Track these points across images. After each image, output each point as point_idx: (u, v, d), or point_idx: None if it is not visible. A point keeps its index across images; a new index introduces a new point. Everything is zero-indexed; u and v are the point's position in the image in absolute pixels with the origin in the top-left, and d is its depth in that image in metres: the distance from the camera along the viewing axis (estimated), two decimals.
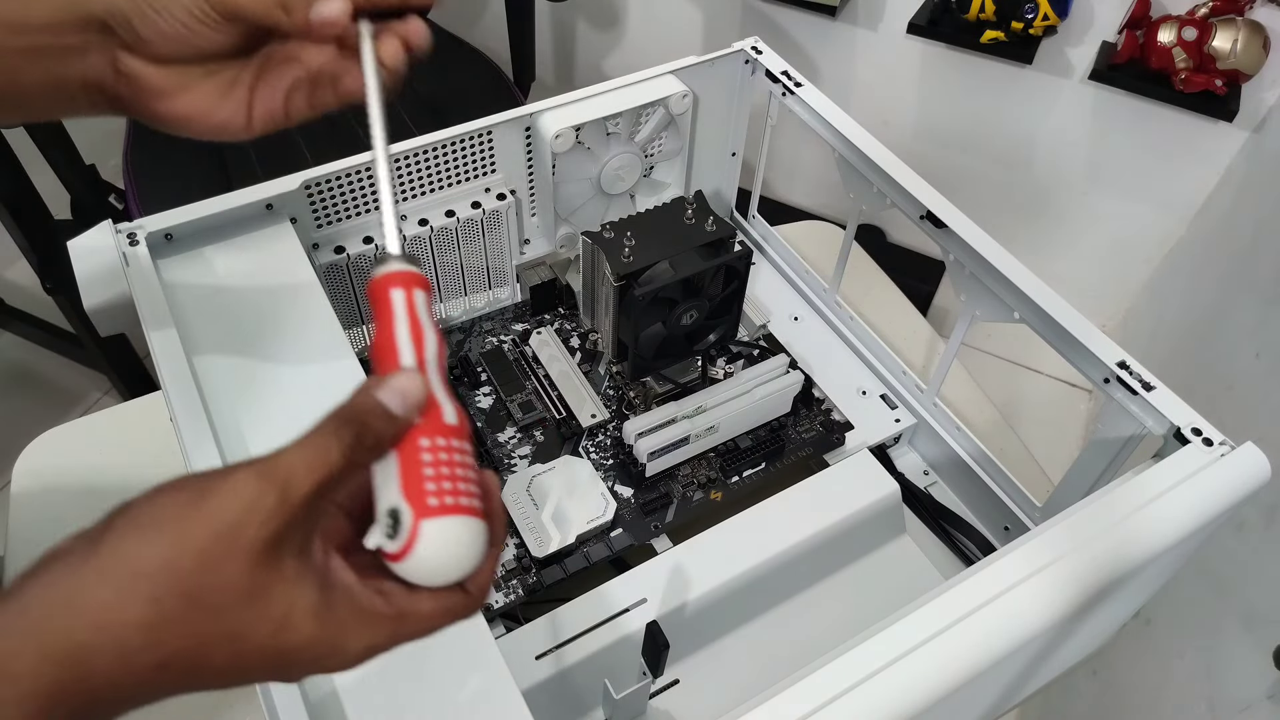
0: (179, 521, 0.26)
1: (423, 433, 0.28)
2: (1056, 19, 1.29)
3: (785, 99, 0.72)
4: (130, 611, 0.25)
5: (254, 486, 0.26)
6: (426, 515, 0.27)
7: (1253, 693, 0.74)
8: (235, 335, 0.55)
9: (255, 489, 0.26)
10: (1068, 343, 0.55)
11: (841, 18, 1.54)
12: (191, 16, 0.41)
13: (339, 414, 0.28)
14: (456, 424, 0.29)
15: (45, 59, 0.41)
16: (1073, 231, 1.60)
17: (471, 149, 0.67)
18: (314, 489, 0.27)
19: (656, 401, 0.70)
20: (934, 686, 0.39)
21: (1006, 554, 0.44)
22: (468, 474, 0.28)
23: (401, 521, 0.27)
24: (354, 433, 0.27)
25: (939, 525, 0.68)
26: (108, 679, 0.24)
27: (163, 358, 0.51)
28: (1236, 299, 1.19)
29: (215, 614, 0.25)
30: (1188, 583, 0.88)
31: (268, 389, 0.53)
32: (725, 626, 0.60)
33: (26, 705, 0.23)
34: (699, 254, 0.64)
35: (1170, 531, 0.45)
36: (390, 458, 0.28)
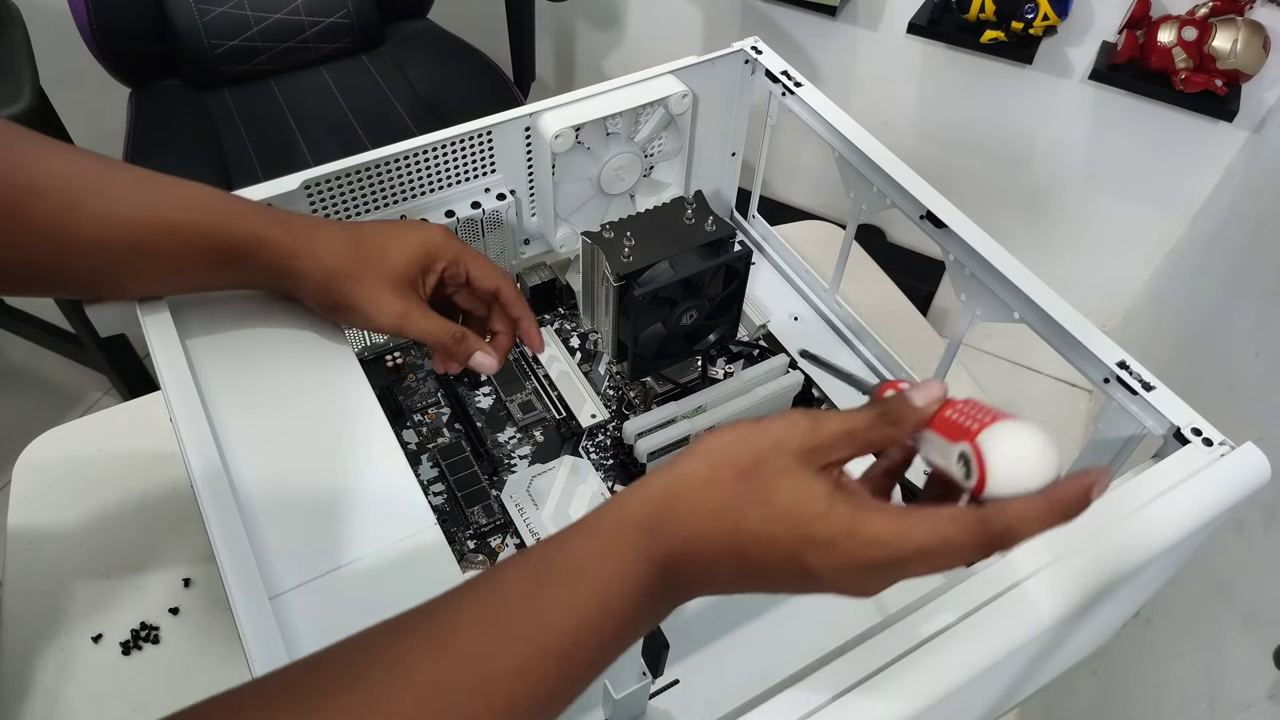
0: (747, 431, 0.35)
1: (944, 409, 0.35)
2: (1056, 19, 1.29)
3: (785, 99, 0.72)
4: (698, 471, 0.35)
5: (798, 415, 0.36)
6: (977, 434, 0.33)
7: (1253, 693, 0.74)
8: (235, 335, 0.55)
9: (798, 416, 0.36)
10: (1068, 343, 0.55)
11: (841, 18, 1.54)
12: (367, 329, 0.59)
13: (875, 400, 0.37)
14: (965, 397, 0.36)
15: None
16: (1073, 231, 1.60)
17: (471, 149, 0.67)
18: (840, 428, 0.35)
19: (656, 401, 0.70)
20: (934, 687, 0.39)
21: (1006, 554, 0.44)
22: (994, 412, 0.34)
23: (968, 457, 0.33)
24: (880, 409, 0.36)
25: None
26: (683, 520, 0.34)
27: (163, 358, 0.51)
28: (1236, 299, 1.19)
29: (757, 484, 0.34)
30: (1188, 583, 0.88)
31: (268, 388, 0.53)
32: (725, 626, 0.60)
33: (631, 533, 0.34)
34: (699, 254, 0.64)
35: (1170, 532, 0.45)
36: (931, 436, 0.35)
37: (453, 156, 0.67)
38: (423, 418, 0.69)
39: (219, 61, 1.28)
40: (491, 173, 0.70)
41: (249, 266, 0.52)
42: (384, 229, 0.55)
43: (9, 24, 1.14)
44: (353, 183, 0.64)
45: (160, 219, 0.49)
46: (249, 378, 0.53)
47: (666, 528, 0.34)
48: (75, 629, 0.67)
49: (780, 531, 0.33)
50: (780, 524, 0.33)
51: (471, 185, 0.69)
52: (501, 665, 0.32)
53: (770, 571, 0.34)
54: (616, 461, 0.67)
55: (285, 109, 1.28)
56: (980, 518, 0.32)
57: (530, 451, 0.68)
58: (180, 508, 0.74)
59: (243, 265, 0.52)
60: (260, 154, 1.21)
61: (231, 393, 0.52)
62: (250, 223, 0.51)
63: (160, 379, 0.51)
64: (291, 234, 0.52)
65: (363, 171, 0.63)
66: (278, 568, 0.45)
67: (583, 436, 0.69)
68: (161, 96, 1.30)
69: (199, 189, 0.51)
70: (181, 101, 1.29)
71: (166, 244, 0.50)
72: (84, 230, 0.47)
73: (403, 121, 1.27)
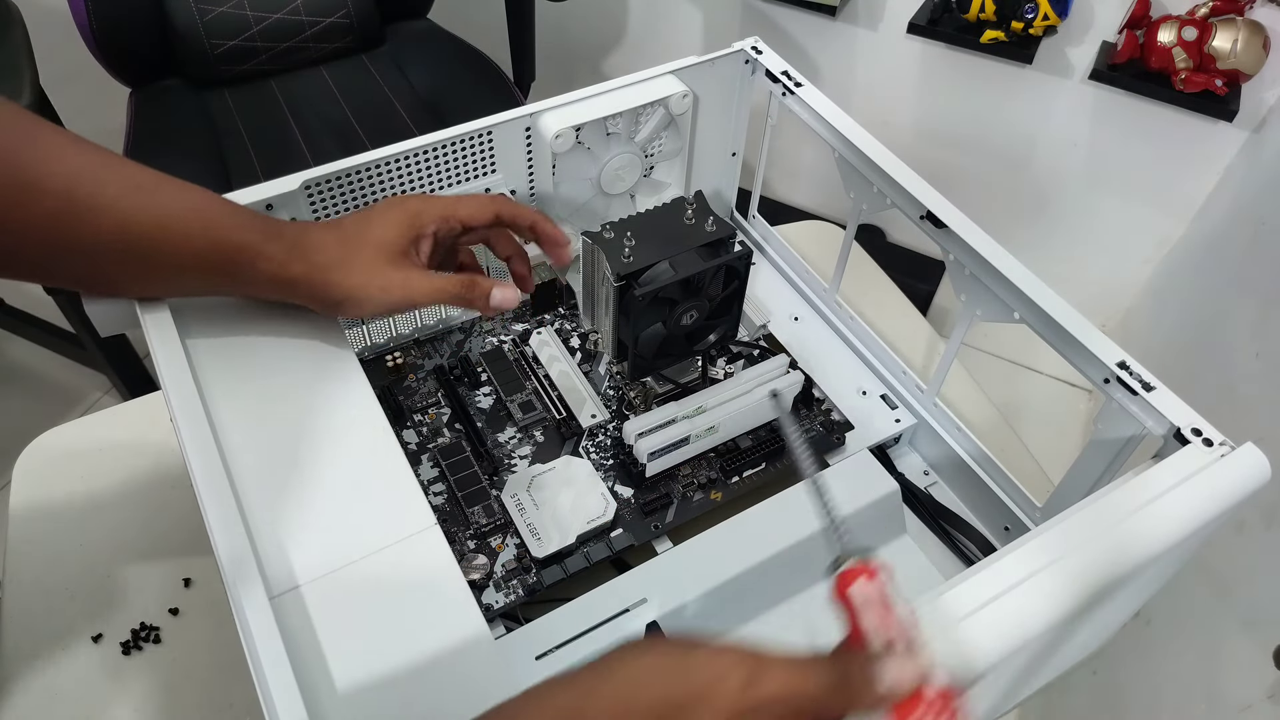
0: (674, 666, 0.32)
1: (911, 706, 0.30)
2: (1056, 19, 1.29)
3: (785, 99, 0.72)
4: (607, 703, 0.31)
5: (734, 662, 0.31)
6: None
7: (1253, 693, 0.74)
8: (235, 335, 0.55)
9: (733, 664, 0.31)
10: (1068, 343, 0.55)
11: (841, 18, 1.54)
12: (381, 313, 0.57)
13: (837, 657, 0.32)
14: (940, 689, 0.31)
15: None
16: (1073, 231, 1.60)
17: (471, 149, 0.67)
18: (779, 693, 0.30)
19: (656, 402, 0.70)
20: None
21: (1007, 554, 0.44)
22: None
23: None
24: (838, 679, 0.31)
25: (939, 525, 0.68)
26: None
27: (163, 358, 0.51)
28: (1236, 299, 1.19)
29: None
30: (1188, 583, 0.88)
31: (267, 388, 0.53)
32: (725, 626, 0.60)
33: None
34: (699, 254, 0.64)
35: (1170, 532, 0.45)
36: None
37: (453, 157, 0.67)
38: (423, 417, 0.69)
39: (219, 61, 1.28)
40: (491, 173, 0.70)
41: (247, 278, 0.52)
42: (362, 214, 0.55)
43: (9, 24, 1.14)
44: (353, 183, 0.64)
45: (157, 226, 0.49)
46: (249, 378, 0.53)
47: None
48: (75, 629, 0.67)
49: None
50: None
51: (471, 185, 0.69)
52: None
53: None
54: (616, 462, 0.67)
55: (285, 109, 1.28)
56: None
57: (530, 451, 0.68)
58: (180, 507, 0.74)
59: (240, 276, 0.52)
60: (260, 154, 1.21)
61: (232, 393, 0.52)
62: (249, 234, 0.51)
63: (160, 379, 0.51)
64: (287, 246, 0.52)
65: (363, 171, 0.63)
66: (278, 568, 0.45)
67: (583, 437, 0.69)
68: (161, 96, 1.30)
69: (198, 195, 0.51)
70: (181, 101, 1.29)
71: (162, 250, 0.49)
72: (80, 233, 0.47)
73: (403, 122, 1.26)
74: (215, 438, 0.48)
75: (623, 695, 0.31)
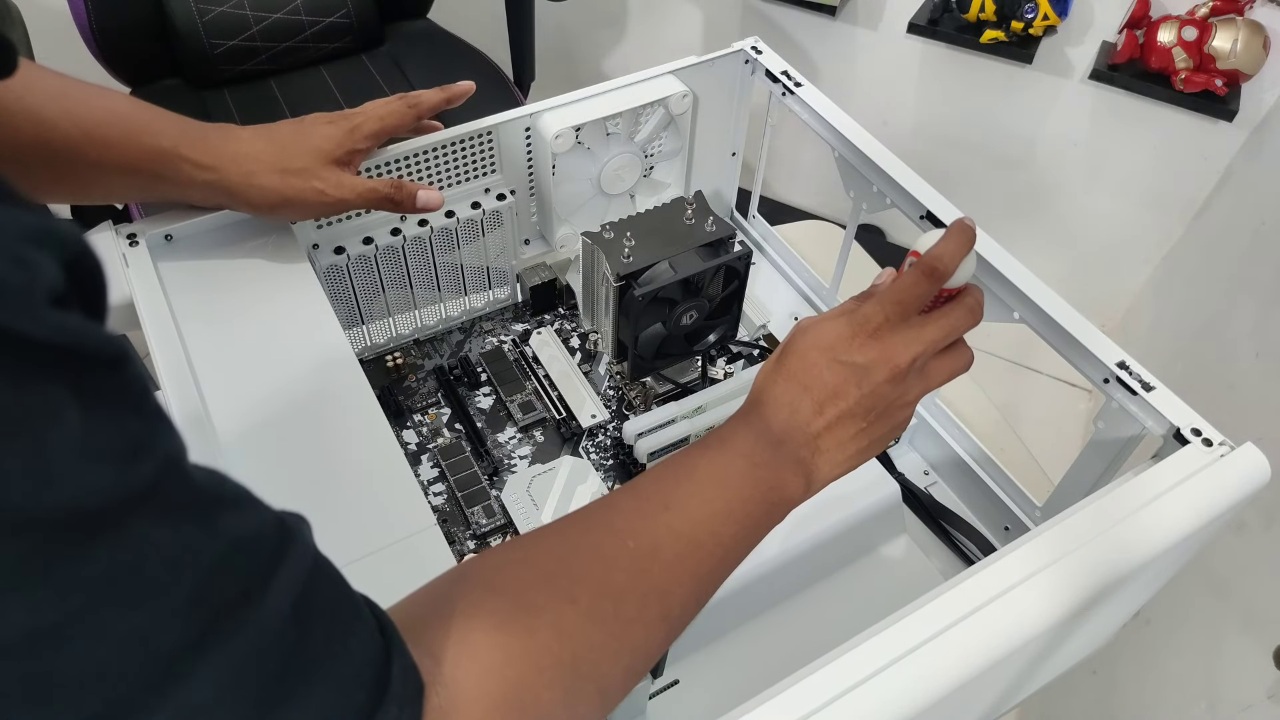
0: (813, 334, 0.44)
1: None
2: (1056, 19, 1.29)
3: (785, 99, 0.72)
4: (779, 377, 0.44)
5: (837, 323, 0.44)
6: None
7: (1253, 693, 0.74)
8: (235, 337, 0.55)
9: (835, 323, 0.44)
10: (1068, 343, 0.55)
11: (841, 17, 1.54)
12: (316, 214, 0.61)
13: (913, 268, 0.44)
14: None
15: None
16: (1073, 231, 1.60)
17: (472, 149, 0.67)
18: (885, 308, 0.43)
19: (657, 402, 0.70)
20: (934, 687, 0.39)
21: (1007, 554, 0.44)
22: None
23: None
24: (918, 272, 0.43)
25: (939, 525, 0.68)
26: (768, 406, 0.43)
27: (163, 358, 0.51)
28: (1236, 299, 1.19)
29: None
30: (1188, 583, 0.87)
31: (267, 389, 0.53)
32: (725, 626, 0.60)
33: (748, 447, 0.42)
34: (699, 254, 0.64)
35: (1170, 532, 0.45)
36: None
37: (453, 156, 0.67)
38: (423, 418, 0.69)
39: (219, 61, 1.28)
40: (492, 173, 0.70)
41: (173, 181, 0.54)
42: (296, 124, 0.59)
43: (9, 24, 1.14)
44: None
45: (80, 132, 0.50)
46: (249, 378, 0.53)
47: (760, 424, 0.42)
48: None
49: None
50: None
51: (472, 185, 0.69)
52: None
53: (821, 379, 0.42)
54: (617, 462, 0.67)
55: (285, 109, 1.28)
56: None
57: (530, 452, 0.68)
58: None
59: (166, 179, 0.54)
60: None
61: (232, 393, 0.52)
62: (168, 138, 0.53)
63: (160, 379, 0.51)
64: (212, 151, 0.54)
65: (363, 172, 0.63)
66: None
67: (583, 437, 0.69)
68: (161, 96, 1.30)
69: (122, 101, 0.53)
70: (181, 101, 1.29)
71: (86, 156, 0.51)
72: (4, 134, 0.48)
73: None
74: (216, 439, 0.48)
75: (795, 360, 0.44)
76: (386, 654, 0.28)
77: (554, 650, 0.33)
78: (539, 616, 0.33)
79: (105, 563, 0.20)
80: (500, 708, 0.31)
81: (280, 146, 0.56)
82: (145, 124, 0.53)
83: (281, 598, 0.24)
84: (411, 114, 0.62)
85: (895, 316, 0.43)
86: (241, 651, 0.23)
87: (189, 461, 0.23)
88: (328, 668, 0.25)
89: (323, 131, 0.58)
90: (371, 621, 0.28)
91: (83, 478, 0.19)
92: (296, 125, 0.58)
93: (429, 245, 0.69)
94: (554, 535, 0.37)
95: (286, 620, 0.24)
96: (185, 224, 0.59)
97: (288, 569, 0.25)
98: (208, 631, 0.22)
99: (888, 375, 0.42)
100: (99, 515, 0.20)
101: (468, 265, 0.73)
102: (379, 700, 0.26)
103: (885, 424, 0.44)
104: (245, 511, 0.24)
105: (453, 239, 0.70)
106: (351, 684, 0.26)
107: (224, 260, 0.60)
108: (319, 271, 0.64)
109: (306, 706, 0.25)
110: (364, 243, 0.66)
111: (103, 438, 0.20)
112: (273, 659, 0.24)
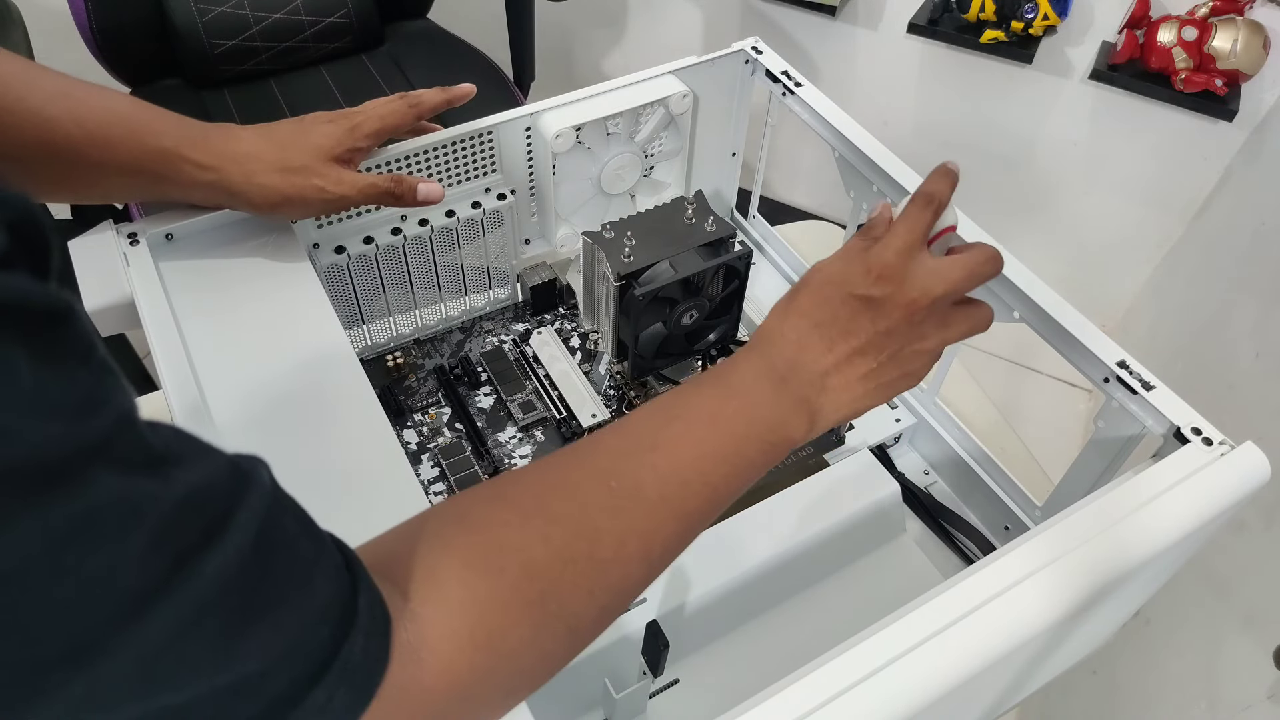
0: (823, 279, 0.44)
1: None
2: (1056, 19, 1.29)
3: (785, 99, 0.72)
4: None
5: (856, 258, 0.43)
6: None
7: (1253, 693, 0.74)
8: (236, 336, 0.55)
9: (855, 258, 0.43)
10: (1068, 343, 0.55)
11: (841, 18, 1.54)
12: (318, 212, 0.61)
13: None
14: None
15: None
16: (1073, 231, 1.60)
17: (472, 149, 0.68)
18: (900, 243, 0.43)
19: None
20: (934, 686, 0.39)
21: (1006, 554, 0.44)
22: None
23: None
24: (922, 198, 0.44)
25: (939, 525, 0.68)
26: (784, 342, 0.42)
27: (163, 358, 0.51)
28: (1236, 299, 1.19)
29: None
30: (1188, 583, 0.88)
31: (268, 389, 0.53)
32: (725, 626, 0.60)
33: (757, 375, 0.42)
34: (699, 254, 0.64)
35: (1170, 531, 0.45)
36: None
37: (453, 156, 0.67)
38: (423, 418, 0.69)
39: (219, 61, 1.28)
40: (492, 173, 0.70)
41: (174, 182, 0.54)
42: (296, 123, 0.59)
43: (9, 24, 1.14)
44: None
45: (81, 132, 0.50)
46: (250, 379, 0.53)
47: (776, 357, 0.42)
48: None
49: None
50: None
51: (472, 185, 0.69)
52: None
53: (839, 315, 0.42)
54: None
55: (285, 109, 1.28)
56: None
57: (531, 451, 0.68)
58: None
59: (168, 180, 0.54)
60: None
61: (232, 393, 0.52)
62: (170, 139, 0.53)
63: (160, 379, 0.51)
64: (213, 152, 0.54)
65: (362, 171, 0.63)
66: None
67: (583, 436, 0.69)
68: (161, 96, 1.30)
69: (123, 102, 0.53)
70: (181, 101, 1.29)
71: (88, 157, 0.51)
72: (6, 134, 0.48)
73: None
74: (215, 438, 0.48)
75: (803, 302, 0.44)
76: (353, 588, 0.28)
77: (523, 589, 0.33)
78: (509, 556, 0.33)
79: (62, 512, 0.21)
80: (467, 645, 0.31)
81: (280, 145, 0.57)
82: (147, 124, 0.53)
83: (241, 536, 0.25)
84: (412, 114, 0.62)
85: (909, 247, 0.42)
86: (203, 590, 0.23)
87: (140, 418, 0.24)
88: (292, 601, 0.26)
89: (323, 130, 0.58)
90: (337, 557, 0.29)
91: (36, 431, 0.20)
92: (297, 124, 0.58)
93: (429, 245, 0.69)
94: (533, 474, 0.37)
95: (248, 558, 0.25)
96: (186, 223, 0.60)
97: (247, 509, 0.25)
98: (170, 573, 0.23)
99: (905, 311, 0.41)
100: (55, 466, 0.20)
101: (468, 265, 0.73)
102: (345, 632, 0.27)
103: (897, 367, 0.43)
104: (199, 460, 0.25)
105: (453, 239, 0.70)
106: (316, 616, 0.27)
107: (225, 259, 0.60)
108: (319, 271, 0.64)
109: (271, 639, 0.25)
110: (364, 242, 0.66)
111: (55, 392, 0.21)
112: (235, 595, 0.24)
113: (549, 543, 0.34)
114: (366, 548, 0.33)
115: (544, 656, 0.34)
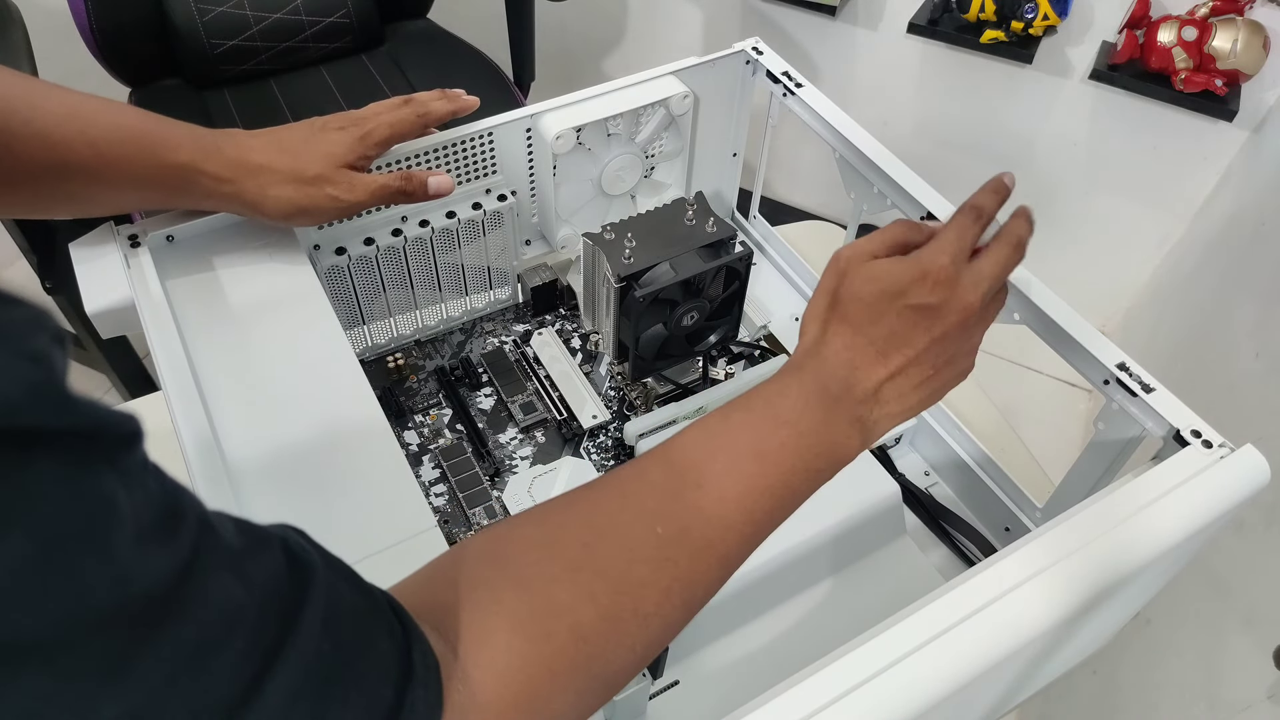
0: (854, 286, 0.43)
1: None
2: (1056, 19, 1.29)
3: (786, 99, 0.72)
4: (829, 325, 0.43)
5: (883, 272, 0.42)
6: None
7: (1253, 693, 0.74)
8: (236, 337, 0.55)
9: (882, 272, 0.42)
10: (1067, 344, 0.55)
11: (841, 18, 1.54)
12: (331, 218, 0.60)
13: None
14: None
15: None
16: (1073, 231, 1.60)
17: (472, 150, 0.68)
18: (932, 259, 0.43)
19: (658, 402, 0.70)
20: (934, 688, 0.40)
21: (1007, 555, 0.44)
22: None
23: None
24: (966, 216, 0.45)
25: (939, 526, 0.68)
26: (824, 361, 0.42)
27: (163, 359, 0.51)
28: (1236, 299, 1.19)
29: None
30: (1188, 583, 0.88)
31: (268, 391, 0.53)
32: (725, 626, 0.60)
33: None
34: (700, 255, 0.64)
35: (1170, 533, 0.46)
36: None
37: (454, 157, 0.67)
38: (424, 419, 0.70)
39: (219, 61, 1.28)
40: (492, 173, 0.70)
41: (187, 194, 0.54)
42: (305, 129, 0.58)
43: (9, 24, 1.14)
44: None
45: (93, 151, 0.50)
46: (251, 380, 0.53)
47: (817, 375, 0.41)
48: None
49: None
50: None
51: (472, 186, 0.69)
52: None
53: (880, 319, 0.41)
54: (618, 463, 0.67)
55: (285, 109, 1.28)
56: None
57: (532, 452, 0.68)
58: None
59: (181, 192, 0.54)
60: None
61: (233, 395, 0.52)
62: (185, 152, 0.53)
63: (160, 380, 0.51)
64: (228, 164, 0.54)
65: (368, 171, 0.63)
66: None
67: (584, 438, 0.69)
68: (161, 96, 1.30)
69: (134, 116, 0.52)
70: (181, 101, 1.29)
71: (102, 175, 0.50)
72: (15, 163, 0.48)
73: None
74: (216, 440, 0.48)
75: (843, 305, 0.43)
76: (407, 642, 0.29)
77: (570, 654, 0.33)
78: (559, 620, 0.33)
79: (174, 639, 0.21)
80: (511, 710, 0.31)
81: (294, 155, 0.56)
82: (160, 139, 0.52)
83: (312, 616, 0.25)
84: (420, 123, 0.62)
85: (962, 253, 0.42)
86: (290, 680, 0.24)
87: (208, 512, 0.24)
88: (360, 670, 0.27)
89: (334, 138, 0.58)
90: (389, 615, 0.29)
91: (146, 565, 0.21)
92: (306, 130, 0.58)
93: (430, 246, 0.69)
94: (580, 510, 0.37)
95: (320, 638, 0.26)
96: (186, 225, 0.59)
97: (312, 592, 0.26)
98: (261, 672, 0.23)
99: (960, 317, 0.41)
100: (164, 597, 0.21)
101: (469, 266, 0.73)
102: (405, 688, 0.28)
103: (950, 370, 0.43)
104: (261, 552, 0.26)
105: (453, 239, 0.70)
106: (382, 680, 0.27)
107: (225, 261, 0.60)
108: (320, 272, 0.64)
109: (347, 711, 0.26)
110: (365, 243, 0.66)
111: (146, 518, 0.21)
112: (315, 677, 0.25)
113: (596, 601, 0.34)
114: (408, 589, 0.33)
115: (582, 713, 0.34)
